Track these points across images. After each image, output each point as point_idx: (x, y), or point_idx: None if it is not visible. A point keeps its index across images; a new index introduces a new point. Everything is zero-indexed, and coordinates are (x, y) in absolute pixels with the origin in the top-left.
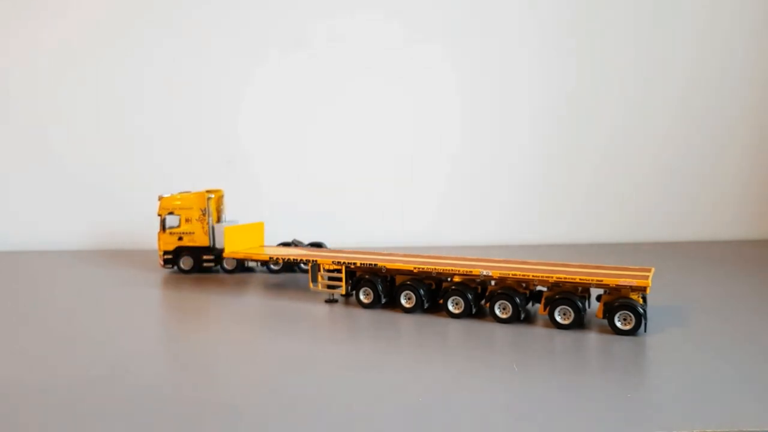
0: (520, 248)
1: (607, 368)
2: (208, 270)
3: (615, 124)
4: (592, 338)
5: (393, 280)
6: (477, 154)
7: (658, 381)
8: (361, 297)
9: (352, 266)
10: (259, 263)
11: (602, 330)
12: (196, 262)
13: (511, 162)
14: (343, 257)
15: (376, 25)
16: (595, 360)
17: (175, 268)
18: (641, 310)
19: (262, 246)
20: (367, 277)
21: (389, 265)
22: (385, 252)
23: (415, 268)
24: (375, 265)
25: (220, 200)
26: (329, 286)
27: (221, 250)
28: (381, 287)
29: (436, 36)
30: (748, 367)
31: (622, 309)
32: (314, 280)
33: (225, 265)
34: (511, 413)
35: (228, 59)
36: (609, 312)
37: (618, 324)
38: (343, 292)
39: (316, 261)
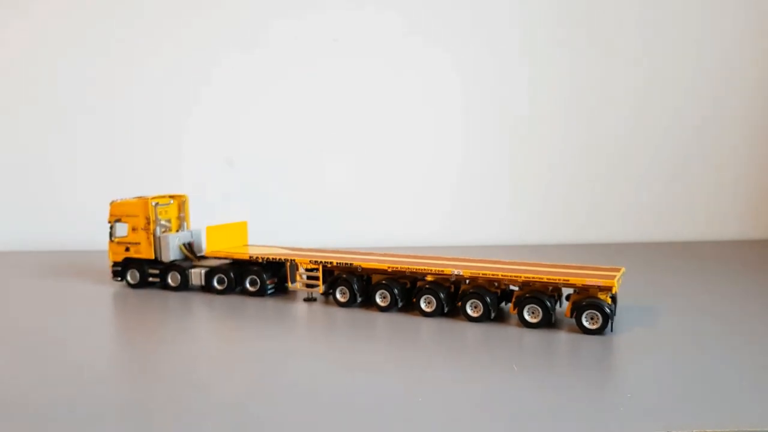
0: (521, 249)
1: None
2: (154, 285)
3: (618, 126)
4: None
5: (369, 279)
6: (478, 155)
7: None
8: (338, 296)
9: (329, 265)
10: (203, 283)
11: (571, 329)
12: (142, 276)
13: (511, 163)
14: (321, 256)
15: (378, 21)
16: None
17: (124, 281)
18: (608, 310)
19: (246, 245)
20: (343, 276)
21: (365, 265)
22: (363, 251)
23: (389, 267)
24: (351, 264)
25: (181, 207)
26: (307, 285)
27: (168, 264)
28: (357, 286)
29: (438, 35)
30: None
31: (589, 308)
32: (293, 279)
33: (169, 281)
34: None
35: (225, 57)
36: (577, 311)
37: (585, 323)
38: (321, 291)
39: (293, 260)
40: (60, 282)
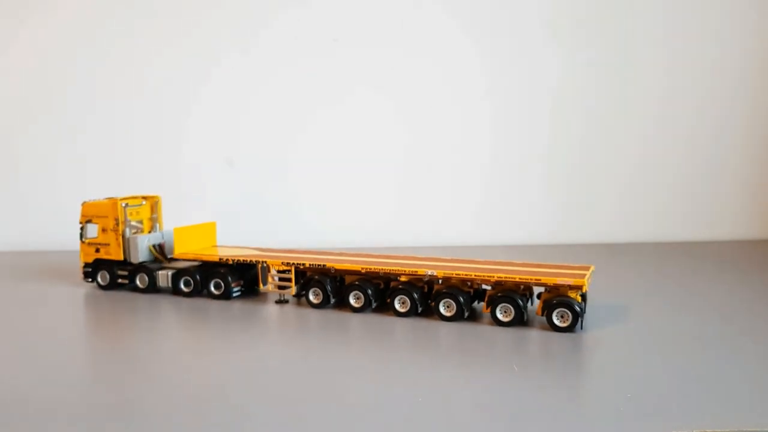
0: (523, 249)
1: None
2: (123, 286)
3: (617, 127)
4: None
5: (342, 280)
6: (479, 153)
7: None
8: (311, 297)
9: (302, 267)
10: (170, 284)
11: (543, 327)
12: (112, 278)
13: (511, 163)
14: (293, 258)
15: (380, 19)
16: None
17: (95, 282)
18: (578, 308)
19: (215, 246)
20: (316, 277)
21: (338, 266)
22: (336, 252)
23: (362, 268)
24: (324, 265)
25: (153, 208)
26: (279, 287)
27: (138, 265)
28: (330, 287)
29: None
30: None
31: (559, 306)
32: (264, 281)
33: (137, 283)
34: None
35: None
36: (547, 309)
37: (556, 321)
38: (293, 293)
39: (265, 262)
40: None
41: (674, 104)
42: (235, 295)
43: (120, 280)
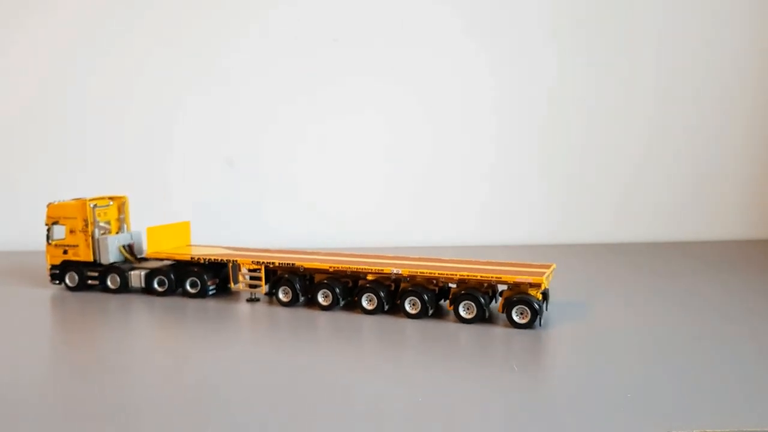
0: (523, 249)
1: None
2: (93, 288)
3: (617, 127)
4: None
5: (312, 278)
6: (482, 155)
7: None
8: (281, 295)
9: (272, 266)
10: (143, 284)
11: (505, 324)
12: (81, 279)
13: (511, 163)
14: (263, 257)
15: (380, 19)
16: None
17: (63, 284)
18: (537, 306)
19: (189, 245)
20: (286, 276)
21: (307, 265)
22: (309, 251)
23: (330, 267)
24: (293, 264)
25: (121, 209)
26: (250, 286)
27: (108, 266)
28: (299, 286)
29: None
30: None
31: (518, 304)
32: (235, 280)
33: (109, 284)
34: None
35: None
36: (508, 306)
37: (515, 318)
38: (264, 291)
39: (236, 261)
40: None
41: (674, 104)
42: (210, 293)
43: (90, 282)
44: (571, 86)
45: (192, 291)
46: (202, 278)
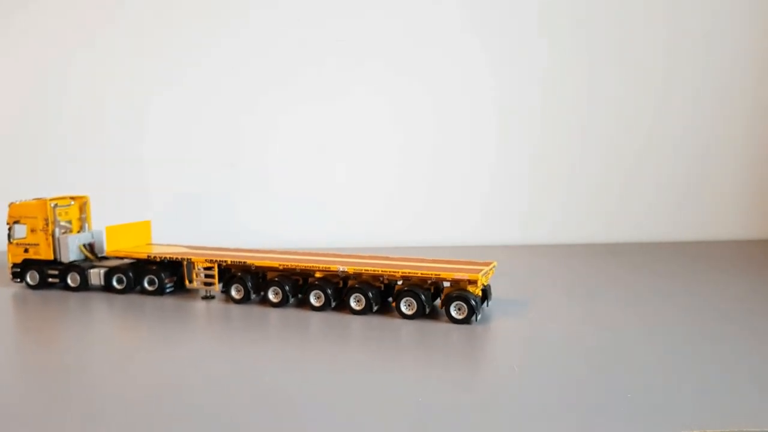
0: (523, 249)
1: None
2: (54, 286)
3: (616, 126)
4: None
5: (264, 276)
6: (482, 155)
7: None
8: (233, 293)
9: (224, 264)
10: (102, 283)
11: (444, 319)
12: (42, 277)
13: (511, 164)
14: (217, 255)
15: (381, 19)
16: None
17: (24, 283)
18: (473, 302)
19: (149, 244)
20: (238, 274)
21: (257, 263)
22: (262, 249)
23: (280, 264)
24: (245, 262)
25: (82, 209)
26: (205, 283)
27: (68, 265)
28: (251, 283)
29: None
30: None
31: (456, 300)
32: (190, 278)
33: (69, 282)
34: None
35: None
36: (447, 302)
37: (453, 313)
38: (217, 289)
39: (190, 259)
40: None
41: (673, 104)
42: (168, 290)
43: (50, 280)
44: (571, 86)
45: (150, 289)
46: (159, 276)
